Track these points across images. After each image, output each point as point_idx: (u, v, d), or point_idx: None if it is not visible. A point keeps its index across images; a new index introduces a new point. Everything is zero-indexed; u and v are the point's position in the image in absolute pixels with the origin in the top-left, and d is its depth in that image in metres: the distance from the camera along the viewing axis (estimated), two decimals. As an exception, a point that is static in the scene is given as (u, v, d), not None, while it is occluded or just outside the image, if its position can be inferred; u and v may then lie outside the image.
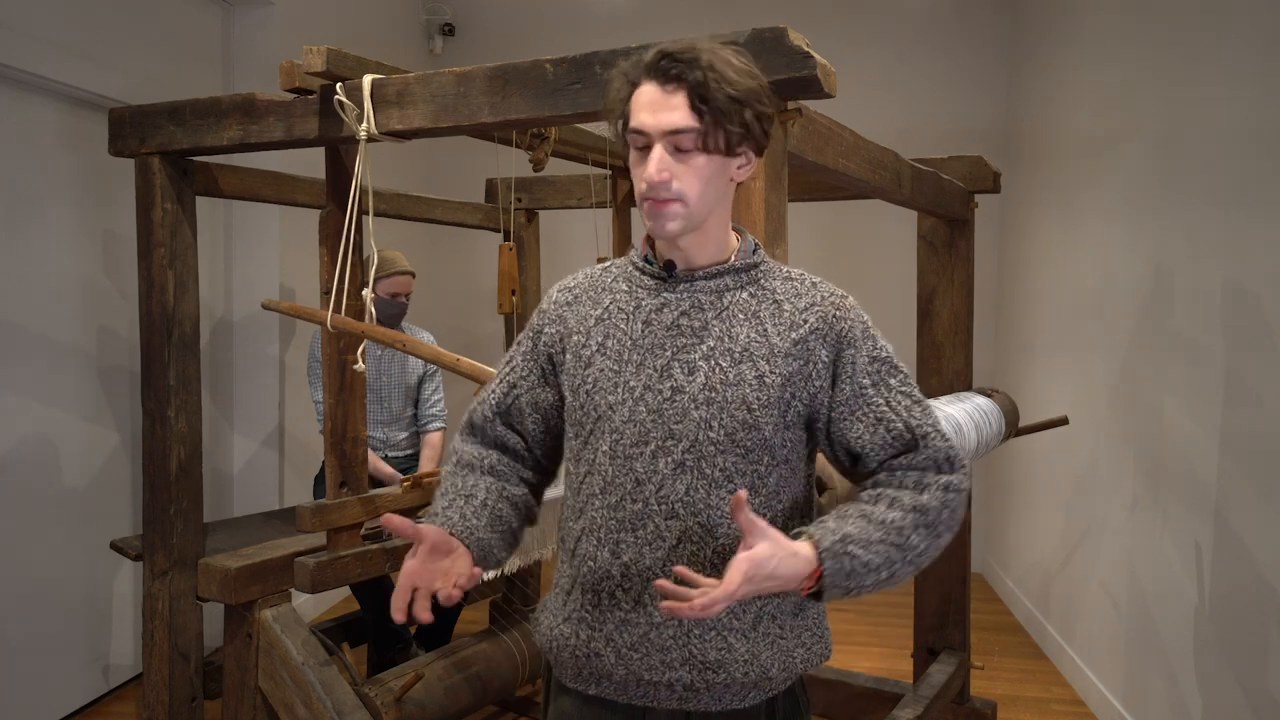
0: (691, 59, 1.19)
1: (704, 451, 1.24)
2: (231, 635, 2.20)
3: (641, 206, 1.25)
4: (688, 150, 1.21)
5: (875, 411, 1.26)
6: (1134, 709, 2.99)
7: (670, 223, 1.22)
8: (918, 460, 1.25)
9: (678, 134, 1.19)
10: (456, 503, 1.34)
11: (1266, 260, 2.29)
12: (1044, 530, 4.09)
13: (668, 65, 1.20)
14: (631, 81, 1.24)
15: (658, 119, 1.20)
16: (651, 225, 1.24)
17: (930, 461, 1.25)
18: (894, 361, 1.30)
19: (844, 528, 1.17)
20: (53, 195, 3.07)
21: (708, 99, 1.18)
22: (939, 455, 1.25)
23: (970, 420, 2.29)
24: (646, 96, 1.21)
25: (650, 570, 1.25)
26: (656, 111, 1.20)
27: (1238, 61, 2.47)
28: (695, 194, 1.22)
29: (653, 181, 1.20)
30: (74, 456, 3.19)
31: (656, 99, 1.20)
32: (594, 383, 1.30)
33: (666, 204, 1.22)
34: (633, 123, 1.23)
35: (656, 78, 1.21)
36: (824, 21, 4.99)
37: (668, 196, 1.21)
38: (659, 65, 1.20)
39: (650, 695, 1.28)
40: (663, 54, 1.20)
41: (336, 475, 2.23)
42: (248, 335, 3.92)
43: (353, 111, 1.90)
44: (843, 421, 1.27)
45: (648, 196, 1.22)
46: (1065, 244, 3.90)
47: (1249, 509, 2.34)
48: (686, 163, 1.21)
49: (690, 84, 1.18)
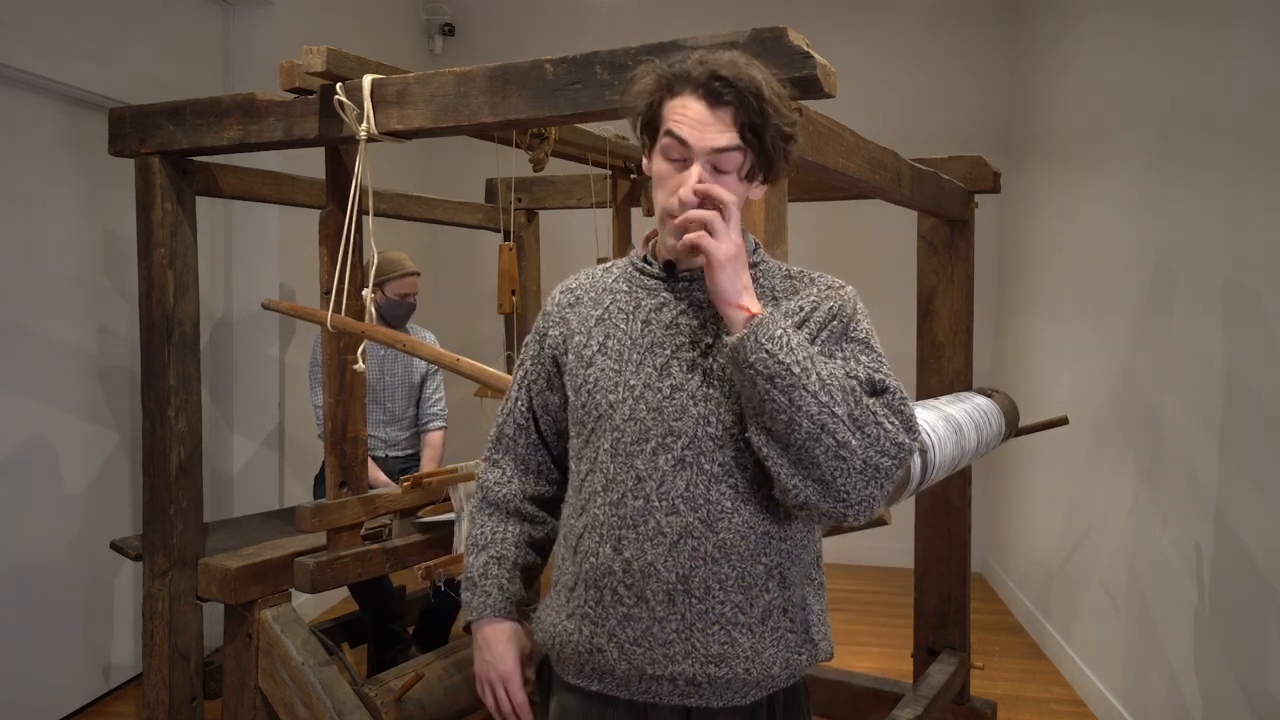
0: (748, 87, 1.18)
1: (703, 447, 1.25)
2: (231, 635, 2.20)
3: (663, 220, 1.24)
4: (725, 172, 1.21)
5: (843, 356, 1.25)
6: (1134, 709, 2.99)
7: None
8: None
9: (722, 154, 1.20)
10: (491, 570, 1.42)
11: (1267, 260, 2.29)
12: (1044, 530, 4.09)
13: (721, 88, 1.18)
14: (669, 88, 1.23)
15: (703, 138, 1.20)
16: (672, 243, 1.24)
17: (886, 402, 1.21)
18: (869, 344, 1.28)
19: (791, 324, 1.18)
20: (53, 195, 3.07)
21: (761, 133, 1.19)
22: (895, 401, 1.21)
23: (970, 420, 2.29)
24: (692, 111, 1.20)
25: (652, 566, 1.25)
26: (703, 130, 1.19)
27: (1238, 62, 2.47)
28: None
29: (687, 200, 1.20)
30: (74, 456, 3.19)
31: (704, 117, 1.19)
32: (595, 382, 1.31)
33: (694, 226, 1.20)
34: (673, 132, 1.21)
35: (706, 97, 1.19)
36: (824, 21, 4.99)
37: None
38: (711, 86, 1.19)
39: (653, 691, 1.28)
40: (715, 75, 1.19)
41: (336, 475, 2.23)
42: (248, 335, 3.92)
43: (353, 111, 1.90)
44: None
45: (676, 214, 1.21)
46: (1065, 244, 3.89)
47: (1249, 509, 2.34)
48: (722, 184, 1.21)
49: (746, 112, 1.18)
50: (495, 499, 1.46)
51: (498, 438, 1.49)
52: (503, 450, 1.48)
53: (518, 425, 1.46)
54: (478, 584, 1.42)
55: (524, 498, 1.46)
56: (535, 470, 1.47)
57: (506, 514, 1.46)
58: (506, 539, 1.44)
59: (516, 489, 1.46)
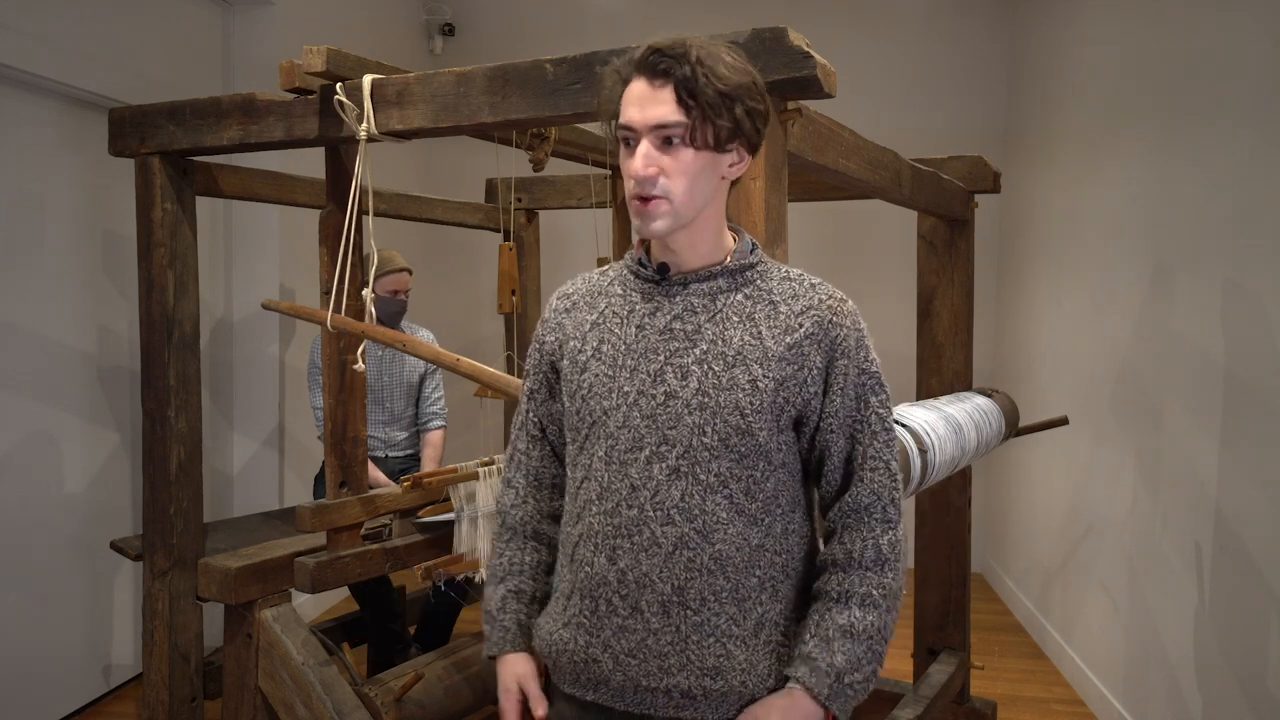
0: (680, 54, 1.18)
1: (698, 457, 1.23)
2: (231, 635, 2.20)
3: (630, 205, 1.24)
4: (675, 145, 1.20)
5: (851, 428, 1.29)
6: (1134, 709, 2.99)
7: (656, 222, 1.22)
8: (864, 499, 1.28)
9: (664, 128, 1.19)
10: (509, 604, 1.42)
11: (1267, 260, 2.29)
12: (1044, 530, 4.09)
13: (656, 60, 1.19)
14: (624, 79, 1.23)
15: (644, 113, 1.20)
16: (639, 225, 1.24)
17: (878, 507, 1.28)
18: (880, 378, 1.31)
19: (833, 659, 1.23)
20: (53, 195, 3.07)
21: (695, 93, 1.18)
22: (884, 499, 1.29)
23: (970, 420, 2.29)
24: (635, 92, 1.21)
25: (647, 577, 1.24)
26: (644, 106, 1.20)
27: (1238, 62, 2.47)
28: (681, 190, 1.21)
29: (639, 176, 1.20)
30: (74, 456, 3.19)
31: (644, 94, 1.20)
32: (589, 388, 1.29)
33: (652, 202, 1.21)
34: (621, 118, 1.22)
35: (645, 73, 1.20)
36: (824, 21, 4.99)
37: (654, 194, 1.20)
38: (648, 60, 1.20)
39: (648, 702, 1.27)
40: (652, 49, 1.20)
41: (336, 475, 2.23)
42: (248, 335, 3.92)
43: (353, 111, 1.90)
44: (829, 433, 1.28)
45: (634, 195, 1.22)
46: (1065, 244, 3.90)
47: (1249, 510, 2.34)
48: (674, 158, 1.20)
49: (678, 78, 1.18)
50: (513, 524, 1.45)
51: (511, 455, 1.47)
52: (515, 467, 1.46)
53: (530, 438, 1.44)
54: (496, 619, 1.42)
55: (540, 517, 1.44)
56: (550, 485, 1.45)
57: (524, 539, 1.44)
58: (524, 570, 1.43)
59: (532, 510, 1.44)
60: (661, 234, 1.24)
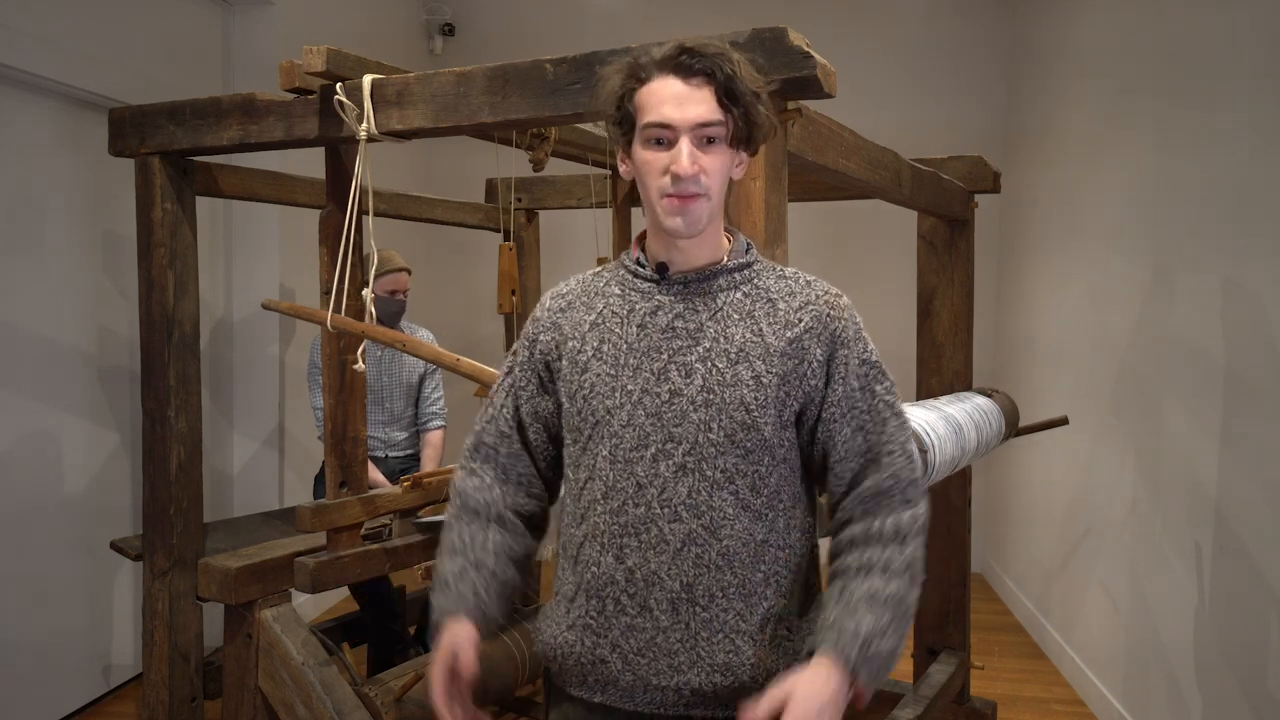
0: (718, 54, 1.20)
1: (704, 453, 1.23)
2: (231, 635, 2.20)
3: (658, 203, 1.23)
4: (714, 144, 1.22)
5: (859, 418, 1.28)
6: (1134, 709, 2.99)
7: (697, 219, 1.23)
8: (884, 484, 1.26)
9: (706, 126, 1.20)
10: (468, 575, 1.33)
11: (1266, 260, 2.29)
12: (1044, 530, 4.08)
13: (691, 60, 1.20)
14: (641, 78, 1.23)
15: (684, 112, 1.20)
16: (676, 223, 1.23)
17: (898, 489, 1.26)
18: (882, 366, 1.31)
19: (859, 625, 1.18)
20: (53, 195, 3.07)
21: (736, 95, 1.20)
22: (904, 481, 1.27)
23: (970, 420, 2.29)
24: (669, 90, 1.21)
25: (655, 575, 1.24)
26: (683, 105, 1.20)
27: (1237, 62, 2.47)
28: (717, 188, 1.23)
29: (686, 174, 1.20)
30: (74, 456, 3.19)
31: (682, 93, 1.20)
32: (591, 388, 1.29)
33: (694, 199, 1.21)
34: (651, 117, 1.21)
35: (679, 73, 1.20)
36: (824, 21, 4.99)
37: (696, 191, 1.21)
38: (680, 60, 1.20)
39: (657, 701, 1.27)
40: (683, 49, 1.21)
41: (336, 475, 2.23)
42: (248, 335, 3.92)
43: (353, 111, 1.90)
44: (833, 423, 1.28)
45: (673, 192, 1.21)
46: (1065, 244, 3.90)
47: (1249, 510, 2.34)
48: (713, 156, 1.22)
49: (720, 79, 1.19)
50: (474, 505, 1.38)
51: (475, 445, 1.42)
52: (481, 459, 1.41)
53: (500, 433, 1.40)
54: (451, 586, 1.32)
55: (505, 507, 1.39)
56: (516, 481, 1.40)
57: (487, 521, 1.37)
58: (486, 546, 1.35)
59: (498, 496, 1.38)
60: (698, 231, 1.24)
